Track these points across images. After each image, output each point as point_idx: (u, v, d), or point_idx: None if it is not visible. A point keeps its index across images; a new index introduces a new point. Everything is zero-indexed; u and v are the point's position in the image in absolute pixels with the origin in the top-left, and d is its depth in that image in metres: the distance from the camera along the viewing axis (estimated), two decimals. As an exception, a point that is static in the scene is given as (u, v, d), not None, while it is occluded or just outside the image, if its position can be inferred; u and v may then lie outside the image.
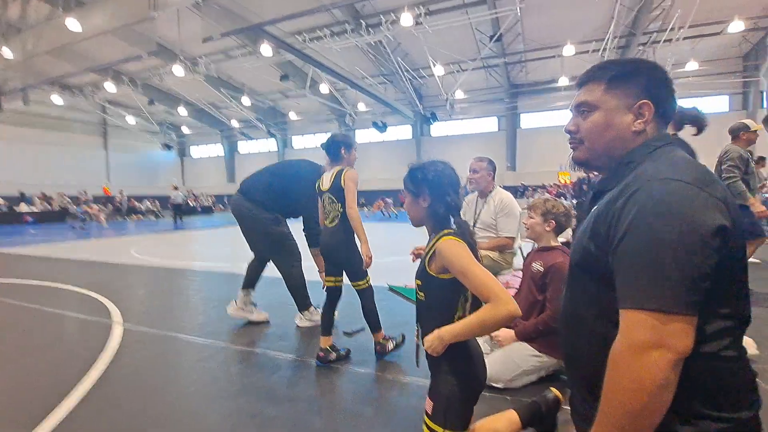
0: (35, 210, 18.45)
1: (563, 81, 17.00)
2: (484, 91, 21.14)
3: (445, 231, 1.25)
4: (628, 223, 0.75)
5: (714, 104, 18.68)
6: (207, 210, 23.32)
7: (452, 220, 1.28)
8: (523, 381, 1.97)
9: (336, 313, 2.48)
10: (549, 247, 2.10)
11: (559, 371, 2.05)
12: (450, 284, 1.22)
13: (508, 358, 1.99)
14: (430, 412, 1.22)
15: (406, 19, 11.65)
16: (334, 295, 2.44)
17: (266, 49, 14.06)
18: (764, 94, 17.23)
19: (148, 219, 19.22)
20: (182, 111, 22.50)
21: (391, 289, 4.07)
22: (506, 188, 3.43)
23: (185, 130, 29.02)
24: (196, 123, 27.65)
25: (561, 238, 2.22)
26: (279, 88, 21.62)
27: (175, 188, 15.65)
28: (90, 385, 2.09)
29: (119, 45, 16.01)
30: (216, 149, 31.05)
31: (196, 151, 32.57)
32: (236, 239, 5.22)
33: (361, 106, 22.13)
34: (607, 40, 13.96)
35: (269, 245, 3.03)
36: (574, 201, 9.18)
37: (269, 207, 2.99)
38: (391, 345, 2.44)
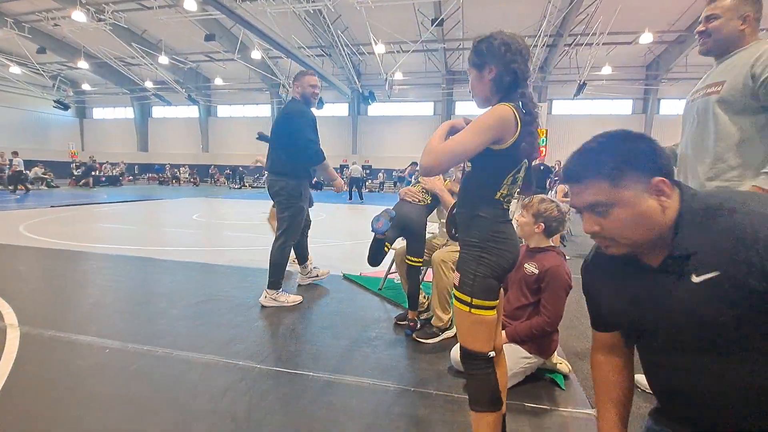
0: None
1: (496, 72, 17.75)
2: (423, 75, 21.27)
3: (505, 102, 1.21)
4: None
5: (620, 107, 21.02)
6: (114, 181, 20.51)
7: (518, 92, 1.26)
8: (511, 382, 1.91)
9: None
10: (542, 248, 2.04)
11: (544, 369, 2.04)
12: (500, 156, 1.22)
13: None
14: (457, 284, 1.28)
15: (350, -11, 11.07)
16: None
17: (190, 3, 12.51)
18: (659, 101, 19.86)
19: (38, 189, 16.43)
20: (82, 65, 19.30)
21: (346, 277, 3.87)
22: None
23: (86, 87, 25.02)
24: (99, 79, 24.05)
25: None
26: (203, 49, 19.51)
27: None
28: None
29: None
30: (125, 112, 27.39)
31: (100, 113, 28.46)
32: (149, 217, 4.57)
33: (297, 79, 20.97)
34: (538, 37, 14.75)
35: (285, 213, 3.05)
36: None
37: (289, 173, 3.02)
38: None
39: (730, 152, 1.57)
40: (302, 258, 3.59)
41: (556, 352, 2.07)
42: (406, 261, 2.58)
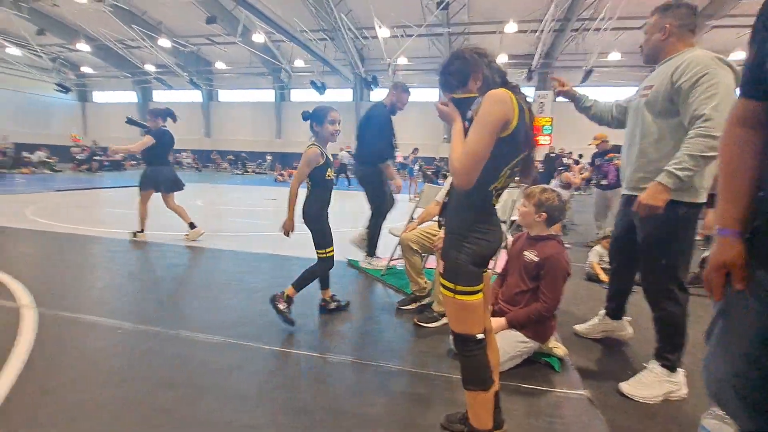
0: None
1: (502, 58, 17.46)
2: (427, 60, 20.96)
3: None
4: None
5: (627, 94, 20.71)
6: (117, 166, 20.56)
7: (509, 85, 1.29)
8: (509, 365, 1.98)
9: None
10: (543, 236, 2.07)
11: (540, 353, 2.10)
12: (502, 143, 1.21)
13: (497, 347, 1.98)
14: (442, 271, 1.33)
15: (354, -29, 10.85)
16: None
17: (191, -16, 12.28)
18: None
19: (42, 172, 16.51)
20: (83, 47, 19.11)
21: (350, 263, 3.93)
22: (443, 160, 3.62)
23: (86, 70, 24.81)
24: (101, 63, 23.81)
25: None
26: (204, 31, 19.21)
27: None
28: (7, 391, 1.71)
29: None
30: (127, 96, 27.22)
31: (101, 96, 28.29)
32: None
33: (299, 63, 20.74)
34: (545, 22, 14.50)
35: (371, 194, 3.64)
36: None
37: (367, 161, 3.59)
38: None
39: (651, 147, 1.82)
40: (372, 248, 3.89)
41: (552, 337, 2.14)
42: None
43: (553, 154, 9.02)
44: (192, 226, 4.73)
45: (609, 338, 2.45)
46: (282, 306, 2.41)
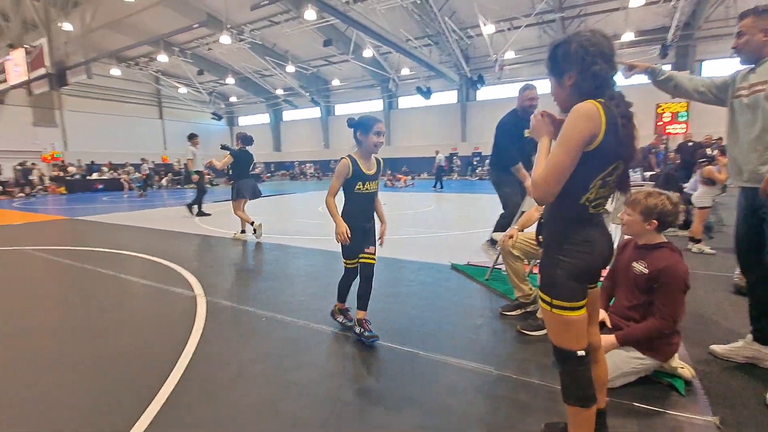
0: (104, 177, 20.03)
1: (627, 36, 15.37)
2: (537, 50, 19.63)
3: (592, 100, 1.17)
4: None
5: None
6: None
7: (606, 93, 1.20)
8: (620, 381, 1.87)
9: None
10: (653, 244, 1.90)
11: (661, 372, 1.93)
12: (588, 157, 1.17)
13: (608, 360, 1.90)
14: (540, 284, 1.33)
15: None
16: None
17: (310, 13, 13.80)
18: None
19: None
20: (230, 80, 22.95)
21: (454, 267, 4.05)
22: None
23: (233, 99, 29.69)
24: (242, 91, 28.17)
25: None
26: (322, 53, 21.32)
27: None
28: (185, 363, 2.31)
29: (170, 16, 16.38)
30: (263, 118, 31.67)
31: (244, 120, 33.41)
32: (289, 208, 5.42)
33: (405, 71, 21.45)
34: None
35: (503, 197, 3.83)
36: (637, 171, 8.45)
37: (499, 165, 3.77)
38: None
39: None
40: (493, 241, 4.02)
41: (677, 356, 1.93)
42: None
43: (691, 143, 7.60)
44: (252, 225, 5.68)
45: (756, 365, 2.08)
46: (340, 318, 2.70)
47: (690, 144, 7.66)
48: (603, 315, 2.00)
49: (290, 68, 21.06)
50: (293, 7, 15.00)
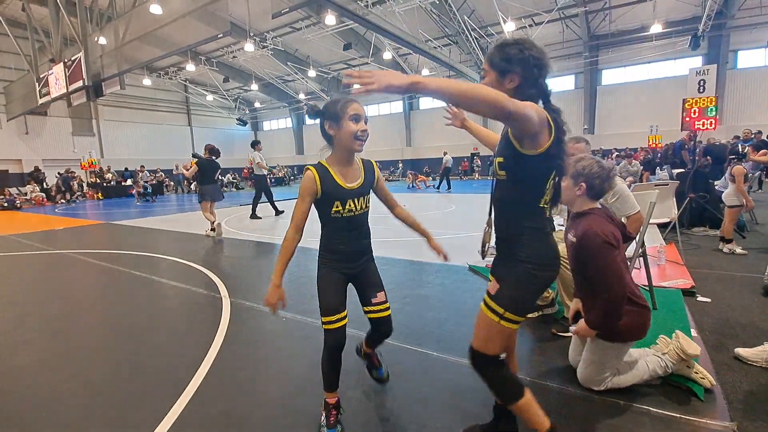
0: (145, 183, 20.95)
1: (655, 28, 14.84)
2: (559, 46, 19.25)
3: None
4: None
5: None
6: (279, 181, 24.71)
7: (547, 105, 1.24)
8: (620, 381, 1.81)
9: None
10: (582, 211, 1.78)
11: (680, 376, 1.86)
12: (539, 160, 1.15)
13: (586, 358, 1.86)
14: (492, 293, 1.28)
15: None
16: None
17: (330, 18, 14.03)
18: None
19: (229, 191, 20.92)
20: (254, 87, 23.60)
21: (472, 269, 4.06)
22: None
23: (257, 104, 30.45)
24: (266, 97, 28.86)
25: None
26: (342, 57, 21.60)
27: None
28: (209, 364, 2.44)
29: (196, 26, 17.00)
30: (285, 122, 32.30)
31: (268, 125, 34.19)
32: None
33: (425, 72, 21.43)
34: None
35: None
36: (665, 169, 8.20)
37: None
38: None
39: None
40: None
41: (698, 364, 1.89)
42: None
43: (718, 143, 7.28)
44: (212, 223, 6.49)
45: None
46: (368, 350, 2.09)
47: (716, 143, 7.32)
48: (578, 305, 1.95)
49: (311, 73, 21.44)
50: (313, 13, 15.29)
